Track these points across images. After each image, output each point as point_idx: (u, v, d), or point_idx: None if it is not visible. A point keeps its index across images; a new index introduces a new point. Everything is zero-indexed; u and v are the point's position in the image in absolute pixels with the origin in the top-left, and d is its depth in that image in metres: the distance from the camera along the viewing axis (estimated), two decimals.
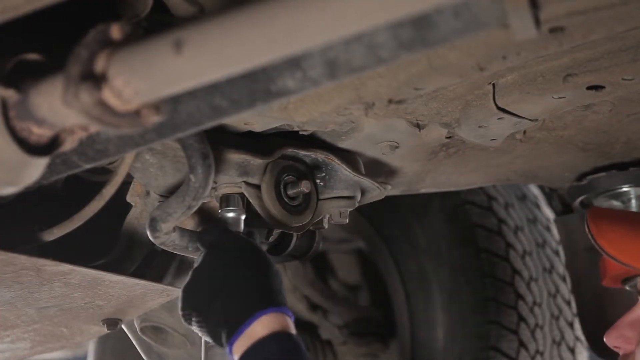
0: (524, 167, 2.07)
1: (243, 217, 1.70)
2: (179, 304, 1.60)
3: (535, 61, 1.47)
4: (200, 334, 1.59)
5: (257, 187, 1.66)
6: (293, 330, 1.53)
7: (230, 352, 1.51)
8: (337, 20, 0.88)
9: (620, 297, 2.31)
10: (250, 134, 1.67)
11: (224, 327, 1.53)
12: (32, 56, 1.07)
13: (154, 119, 1.01)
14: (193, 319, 1.57)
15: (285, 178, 1.70)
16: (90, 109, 0.96)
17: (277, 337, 1.50)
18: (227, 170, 1.62)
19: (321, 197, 1.78)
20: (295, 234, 1.82)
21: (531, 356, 2.62)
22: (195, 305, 1.57)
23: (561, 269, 2.82)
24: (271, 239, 1.78)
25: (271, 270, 1.60)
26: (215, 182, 1.60)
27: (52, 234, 1.63)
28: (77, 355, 4.21)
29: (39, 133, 1.05)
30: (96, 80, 0.96)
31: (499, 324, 2.57)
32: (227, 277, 1.57)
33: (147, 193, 1.69)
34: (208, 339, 1.58)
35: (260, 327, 1.50)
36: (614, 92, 1.57)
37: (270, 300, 1.54)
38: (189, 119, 1.14)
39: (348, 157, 1.78)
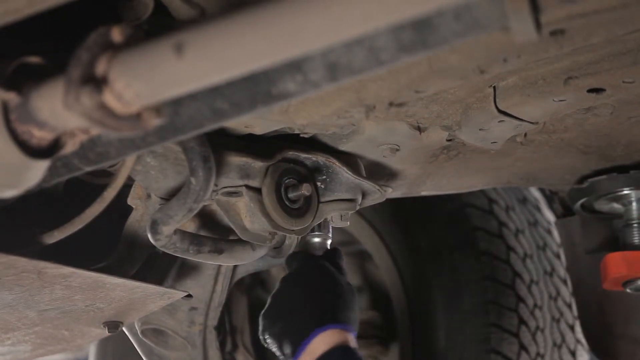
0: (525, 169, 2.07)
1: (329, 242, 1.86)
2: (259, 329, 1.74)
3: (536, 64, 1.47)
4: (277, 355, 1.71)
5: (258, 190, 1.66)
6: (353, 344, 1.64)
7: None
8: (338, 23, 0.88)
9: (621, 300, 2.31)
10: (251, 136, 1.67)
11: (289, 345, 1.67)
12: (33, 59, 1.07)
13: (155, 121, 1.01)
14: (267, 340, 1.72)
15: (286, 181, 1.70)
16: (91, 112, 0.96)
17: (337, 351, 1.62)
18: (228, 173, 1.62)
19: (322, 199, 1.78)
20: (296, 237, 1.82)
21: (532, 359, 2.62)
22: (267, 327, 1.72)
23: (562, 271, 2.82)
24: (273, 241, 1.78)
25: (340, 289, 1.73)
26: (216, 185, 1.60)
27: (53, 237, 1.63)
28: (78, 358, 4.22)
29: (40, 136, 1.05)
30: (97, 83, 0.96)
31: (499, 326, 2.57)
32: (293, 299, 1.71)
33: (148, 196, 1.69)
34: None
35: (321, 343, 1.63)
36: (614, 95, 1.56)
37: (331, 318, 1.66)
38: (190, 122, 1.14)
39: (349, 159, 1.78)
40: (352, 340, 1.66)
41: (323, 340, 1.64)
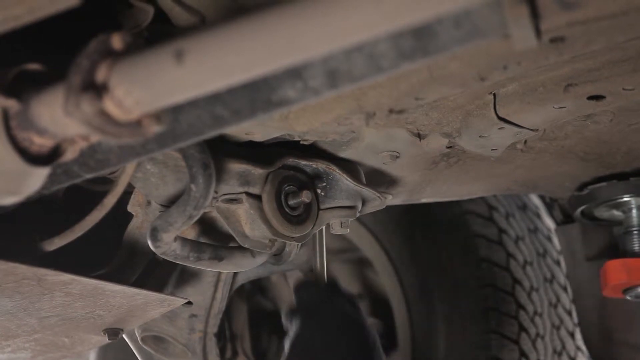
0: (525, 176, 2.07)
1: None
2: None
3: (536, 71, 1.47)
4: None
5: (258, 197, 1.66)
6: None
7: None
8: (338, 30, 0.88)
9: (621, 307, 2.31)
10: (251, 143, 1.67)
11: None
12: (34, 66, 1.08)
13: (155, 128, 1.01)
14: None
15: (286, 188, 1.70)
16: (92, 118, 0.96)
17: None
18: (228, 180, 1.62)
19: (322, 207, 1.78)
20: (296, 244, 1.82)
21: None
22: None
23: (562, 278, 2.82)
24: (273, 249, 1.78)
25: (371, 338, 1.72)
26: (216, 192, 1.60)
27: (53, 244, 1.63)
28: None
29: (40, 143, 1.05)
30: (97, 90, 0.96)
31: (499, 333, 2.57)
32: (330, 349, 1.68)
33: (148, 203, 1.69)
34: None
35: None
36: (614, 102, 1.57)
37: None
38: (190, 129, 1.14)
39: (349, 166, 1.78)
40: None
41: None
